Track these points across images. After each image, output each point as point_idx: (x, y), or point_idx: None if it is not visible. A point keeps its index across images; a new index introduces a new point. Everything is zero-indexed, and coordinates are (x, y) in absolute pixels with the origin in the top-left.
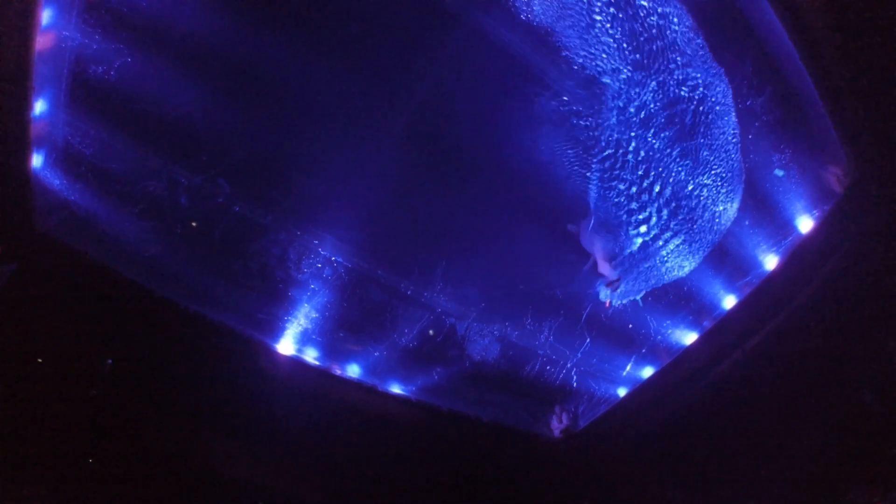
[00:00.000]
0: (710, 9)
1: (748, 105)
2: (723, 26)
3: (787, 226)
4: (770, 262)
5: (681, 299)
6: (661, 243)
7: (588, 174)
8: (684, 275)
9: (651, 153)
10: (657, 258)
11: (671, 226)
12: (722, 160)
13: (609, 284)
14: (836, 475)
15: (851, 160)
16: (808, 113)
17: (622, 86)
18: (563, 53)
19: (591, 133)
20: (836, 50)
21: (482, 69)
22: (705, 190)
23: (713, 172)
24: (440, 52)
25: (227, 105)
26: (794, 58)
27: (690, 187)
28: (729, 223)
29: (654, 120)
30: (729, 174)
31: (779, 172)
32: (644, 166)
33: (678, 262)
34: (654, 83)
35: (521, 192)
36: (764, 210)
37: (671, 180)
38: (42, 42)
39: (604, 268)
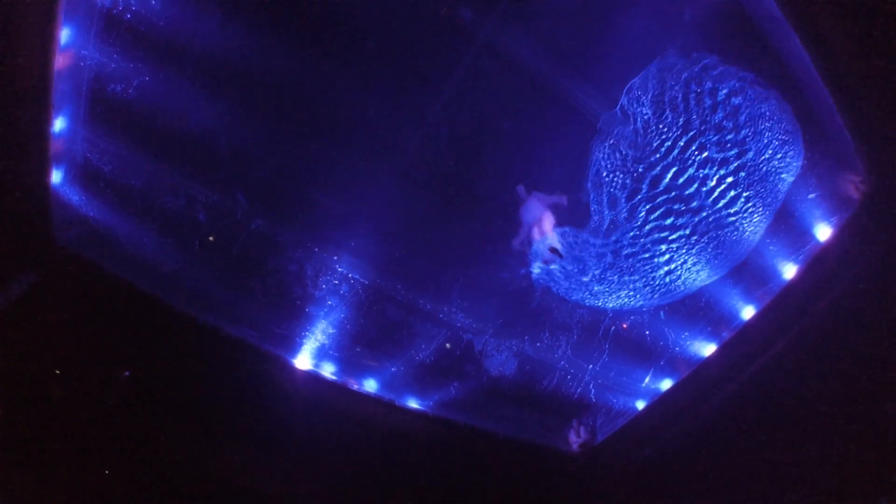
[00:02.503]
0: (725, 20)
1: None
2: (738, 37)
3: (806, 234)
4: (789, 271)
5: (699, 310)
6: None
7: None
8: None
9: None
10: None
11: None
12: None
13: (551, 251)
14: (858, 488)
15: (868, 167)
16: (824, 121)
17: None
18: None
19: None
20: (851, 57)
21: (500, 86)
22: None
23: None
24: (457, 68)
25: (244, 122)
26: (808, 66)
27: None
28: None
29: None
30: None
31: (790, 178)
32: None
33: (692, 274)
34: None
35: None
36: (782, 219)
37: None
38: (61, 60)
39: (546, 235)
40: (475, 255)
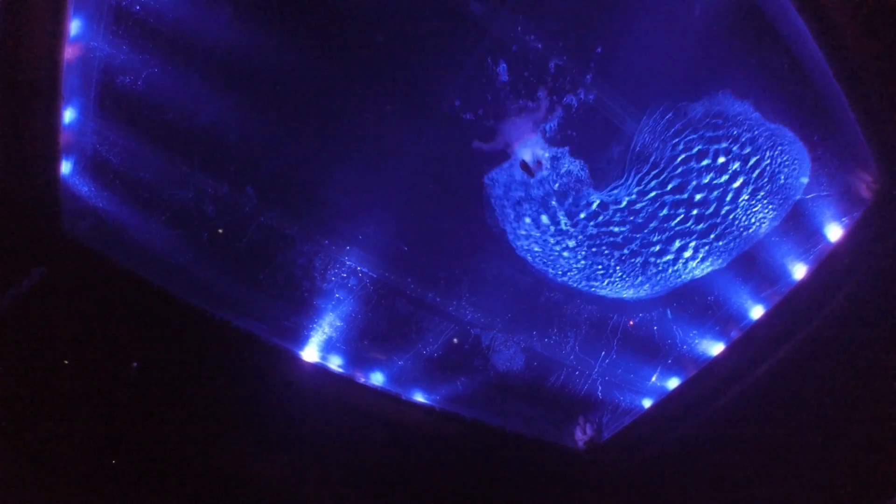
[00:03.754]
0: (737, 16)
1: None
2: (749, 33)
3: (816, 234)
4: (798, 271)
5: (707, 308)
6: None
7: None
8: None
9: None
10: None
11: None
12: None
13: (537, 164)
14: (867, 488)
15: (881, 166)
16: (836, 119)
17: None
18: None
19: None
20: (865, 54)
21: (510, 80)
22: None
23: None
24: (468, 62)
25: (253, 116)
26: (821, 63)
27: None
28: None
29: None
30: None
31: (803, 179)
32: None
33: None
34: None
35: None
36: (792, 218)
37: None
38: (71, 53)
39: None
40: (485, 250)
